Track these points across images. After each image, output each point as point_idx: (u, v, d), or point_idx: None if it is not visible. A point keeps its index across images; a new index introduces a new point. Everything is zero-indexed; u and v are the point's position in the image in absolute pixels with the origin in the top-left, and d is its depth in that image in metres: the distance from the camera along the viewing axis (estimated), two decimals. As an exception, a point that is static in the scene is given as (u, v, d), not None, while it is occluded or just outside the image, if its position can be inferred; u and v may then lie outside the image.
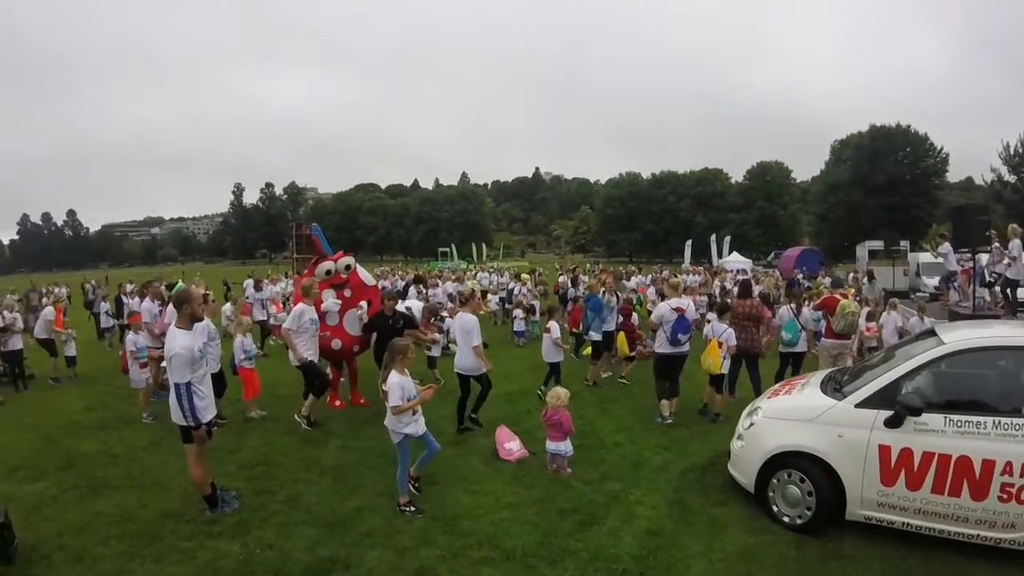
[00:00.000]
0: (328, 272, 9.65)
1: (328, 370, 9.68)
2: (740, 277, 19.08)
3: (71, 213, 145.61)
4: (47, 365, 12.72)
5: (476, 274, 28.60)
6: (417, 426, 5.93)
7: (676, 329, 8.46)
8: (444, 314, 13.11)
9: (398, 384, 5.75)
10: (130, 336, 9.96)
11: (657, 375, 8.91)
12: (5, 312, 11.75)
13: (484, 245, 79.30)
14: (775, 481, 5.68)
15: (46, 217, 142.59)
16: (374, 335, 9.42)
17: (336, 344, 9.48)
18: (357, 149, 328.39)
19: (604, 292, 10.89)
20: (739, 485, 6.09)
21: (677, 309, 8.51)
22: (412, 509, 5.87)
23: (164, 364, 6.12)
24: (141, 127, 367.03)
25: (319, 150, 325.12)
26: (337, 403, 9.69)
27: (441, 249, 74.54)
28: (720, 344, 8.53)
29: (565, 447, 6.80)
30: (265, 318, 16.12)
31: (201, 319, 5.90)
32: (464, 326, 8.06)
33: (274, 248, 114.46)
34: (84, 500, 6.54)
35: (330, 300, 9.42)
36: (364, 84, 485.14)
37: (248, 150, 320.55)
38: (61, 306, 14.33)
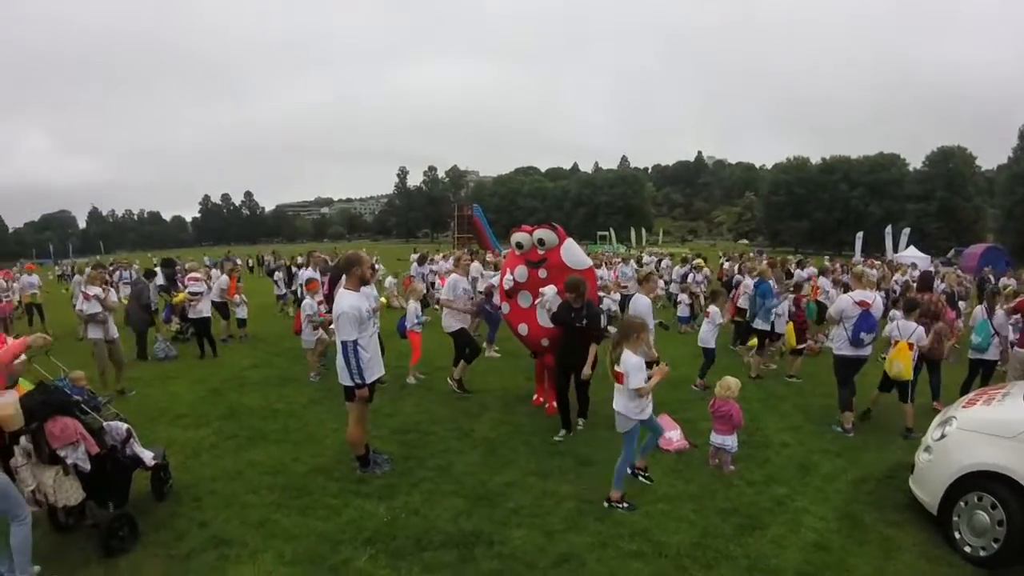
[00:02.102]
0: (519, 245, 8.19)
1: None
2: (913, 272, 17.34)
3: (248, 194, 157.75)
4: (219, 326, 13.51)
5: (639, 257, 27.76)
6: (649, 410, 5.50)
7: (859, 327, 7.39)
8: (601, 293, 12.77)
9: (637, 365, 5.24)
10: (306, 300, 10.35)
11: (840, 381, 7.80)
12: (194, 280, 12.45)
13: (643, 230, 77.72)
14: (962, 504, 4.91)
15: (225, 197, 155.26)
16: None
17: (522, 329, 8.24)
18: (518, 134, 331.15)
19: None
20: (919, 505, 5.36)
21: (861, 303, 7.46)
22: (625, 506, 5.42)
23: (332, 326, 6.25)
24: (312, 117, 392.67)
25: (481, 136, 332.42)
26: (536, 397, 8.64)
27: (600, 233, 74.03)
28: (911, 346, 7.47)
29: (731, 442, 6.28)
30: (424, 292, 16.55)
31: (368, 283, 6.13)
32: (638, 310, 7.54)
33: (436, 228, 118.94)
34: (241, 449, 6.85)
35: (507, 276, 8.29)
36: (526, 70, 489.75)
37: (412, 136, 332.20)
38: (236, 275, 15.23)
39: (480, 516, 5.22)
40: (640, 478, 5.89)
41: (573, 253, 8.07)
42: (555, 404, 7.64)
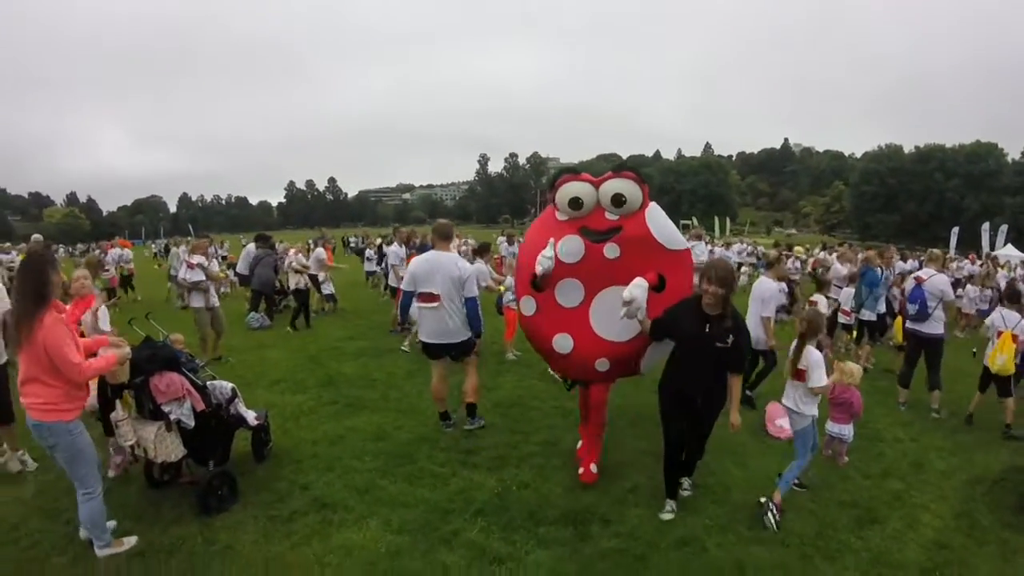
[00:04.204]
0: (576, 202, 4.98)
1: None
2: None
3: (331, 180, 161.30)
4: (313, 298, 13.68)
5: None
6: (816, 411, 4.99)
7: (909, 299, 7.86)
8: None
9: (819, 361, 4.81)
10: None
11: (905, 358, 8.24)
12: (293, 256, 13.06)
13: (727, 219, 75.38)
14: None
15: (309, 183, 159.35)
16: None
17: (562, 343, 5.08)
18: (599, 121, 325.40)
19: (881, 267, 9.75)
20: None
21: (917, 278, 7.88)
22: (776, 515, 4.72)
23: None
24: (395, 104, 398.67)
25: (562, 122, 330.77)
26: (581, 471, 5.33)
27: (683, 221, 72.57)
28: (1015, 337, 7.07)
29: (848, 431, 6.05)
30: (514, 272, 16.98)
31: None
32: (761, 293, 7.34)
33: (516, 214, 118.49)
34: (340, 415, 6.90)
35: (545, 253, 4.92)
36: (608, 56, 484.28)
37: (494, 123, 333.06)
38: (331, 247, 15.67)
39: (594, 493, 5.11)
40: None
41: (662, 220, 5.10)
42: (589, 471, 5.31)
